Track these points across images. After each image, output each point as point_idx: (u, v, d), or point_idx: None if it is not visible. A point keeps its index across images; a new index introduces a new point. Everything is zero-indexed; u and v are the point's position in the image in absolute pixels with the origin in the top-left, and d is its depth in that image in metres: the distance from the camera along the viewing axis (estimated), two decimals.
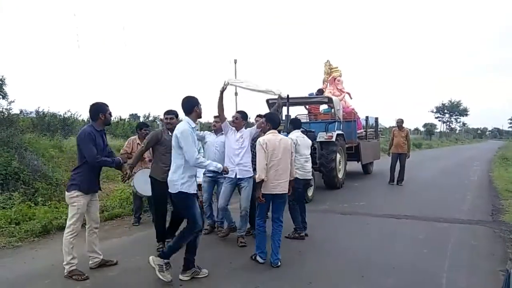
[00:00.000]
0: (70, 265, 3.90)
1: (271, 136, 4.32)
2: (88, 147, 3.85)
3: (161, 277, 3.68)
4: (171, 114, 4.74)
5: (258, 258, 4.36)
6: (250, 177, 4.86)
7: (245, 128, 5.12)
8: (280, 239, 4.39)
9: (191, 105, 3.84)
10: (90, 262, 4.15)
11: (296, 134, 5.35)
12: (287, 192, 4.39)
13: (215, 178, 5.35)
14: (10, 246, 4.98)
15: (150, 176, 4.67)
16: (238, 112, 5.26)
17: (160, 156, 4.60)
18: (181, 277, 3.81)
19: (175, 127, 4.07)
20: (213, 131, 5.56)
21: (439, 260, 4.41)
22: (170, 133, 4.54)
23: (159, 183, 4.45)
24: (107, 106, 4.08)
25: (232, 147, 4.93)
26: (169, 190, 3.82)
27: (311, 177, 6.14)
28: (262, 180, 4.17)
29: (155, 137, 4.68)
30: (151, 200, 5.40)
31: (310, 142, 5.54)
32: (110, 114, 4.14)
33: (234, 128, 5.02)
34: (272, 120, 4.44)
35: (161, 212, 4.70)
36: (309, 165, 5.42)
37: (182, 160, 3.71)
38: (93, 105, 4.04)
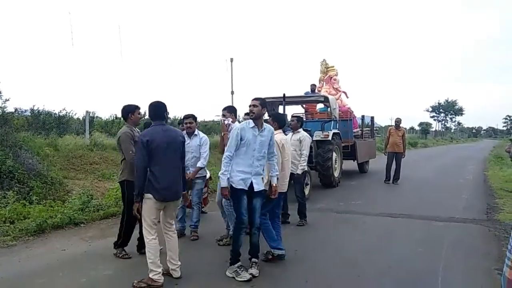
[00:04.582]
0: None
1: (283, 136, 4.48)
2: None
3: (240, 279, 3.72)
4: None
5: (278, 252, 4.30)
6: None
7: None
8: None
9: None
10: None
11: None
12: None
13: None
14: (5, 245, 4.95)
15: None
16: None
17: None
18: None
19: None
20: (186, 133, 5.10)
21: (434, 259, 4.42)
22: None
23: None
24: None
25: None
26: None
27: None
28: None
29: (130, 137, 4.34)
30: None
31: None
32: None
33: None
34: (279, 120, 4.61)
35: None
36: None
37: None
38: (159, 104, 3.82)
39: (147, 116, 5.98)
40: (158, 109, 3.80)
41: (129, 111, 4.50)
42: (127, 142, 4.29)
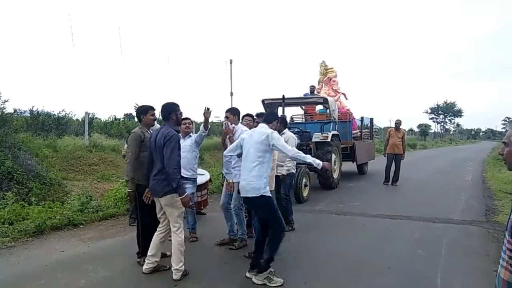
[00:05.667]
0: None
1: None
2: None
3: (274, 285, 3.68)
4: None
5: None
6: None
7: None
8: None
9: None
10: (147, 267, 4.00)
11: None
12: None
13: None
14: (4, 246, 4.94)
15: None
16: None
17: (143, 158, 4.13)
18: (255, 280, 3.77)
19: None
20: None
21: (433, 261, 4.43)
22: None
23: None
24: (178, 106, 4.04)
25: None
26: (247, 195, 3.80)
27: None
28: None
29: (138, 138, 4.26)
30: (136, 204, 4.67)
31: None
32: (180, 114, 4.07)
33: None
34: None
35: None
36: None
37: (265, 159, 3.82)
38: (165, 105, 3.97)
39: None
40: (161, 110, 4.02)
41: (141, 112, 4.43)
42: (132, 142, 4.22)
